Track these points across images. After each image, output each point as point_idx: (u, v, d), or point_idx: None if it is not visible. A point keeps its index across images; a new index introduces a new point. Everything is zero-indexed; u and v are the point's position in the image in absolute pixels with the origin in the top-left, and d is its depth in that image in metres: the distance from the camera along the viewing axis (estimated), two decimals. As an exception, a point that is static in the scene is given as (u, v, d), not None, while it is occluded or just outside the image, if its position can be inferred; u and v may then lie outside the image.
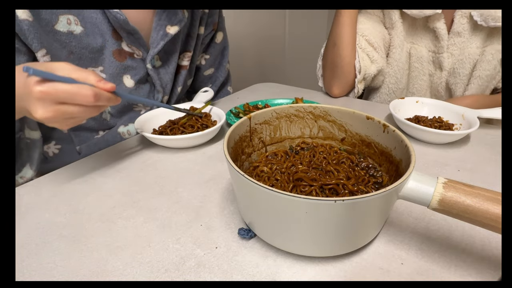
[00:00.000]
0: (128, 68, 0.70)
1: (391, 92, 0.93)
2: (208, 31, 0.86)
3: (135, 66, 0.71)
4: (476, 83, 0.83)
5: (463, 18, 0.80)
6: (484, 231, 0.41)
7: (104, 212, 0.46)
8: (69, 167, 0.57)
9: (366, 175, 0.45)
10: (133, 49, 0.69)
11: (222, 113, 0.68)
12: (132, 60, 0.70)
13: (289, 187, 0.41)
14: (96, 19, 0.64)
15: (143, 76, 0.73)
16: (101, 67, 0.68)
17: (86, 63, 0.65)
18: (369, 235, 0.39)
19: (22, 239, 0.41)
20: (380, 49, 0.88)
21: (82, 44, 0.63)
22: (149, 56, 0.70)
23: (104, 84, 0.45)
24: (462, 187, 0.33)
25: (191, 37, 0.80)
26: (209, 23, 0.85)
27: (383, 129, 0.44)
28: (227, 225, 0.43)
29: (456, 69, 0.84)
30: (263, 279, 0.36)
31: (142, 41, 0.69)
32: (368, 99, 1.00)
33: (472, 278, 0.36)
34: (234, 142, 0.44)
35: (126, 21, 0.63)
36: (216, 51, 0.92)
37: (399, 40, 0.87)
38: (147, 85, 0.75)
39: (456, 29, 0.81)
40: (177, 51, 0.77)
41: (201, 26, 0.83)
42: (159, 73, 0.75)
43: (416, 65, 0.89)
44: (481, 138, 0.67)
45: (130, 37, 0.67)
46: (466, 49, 0.82)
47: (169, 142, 0.62)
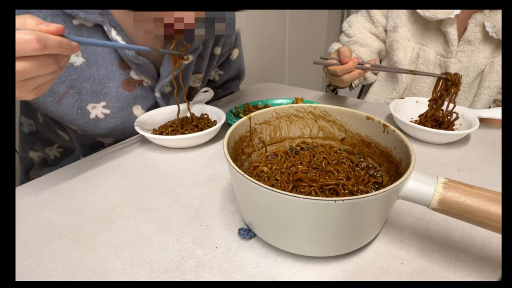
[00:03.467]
0: (138, 98, 0.67)
1: (393, 89, 0.93)
2: (225, 50, 0.83)
3: (145, 95, 0.67)
4: (486, 93, 0.83)
5: (477, 26, 0.80)
6: (484, 231, 0.41)
7: (104, 212, 0.46)
8: (69, 167, 0.57)
9: (366, 175, 0.45)
10: (142, 78, 0.66)
11: (222, 113, 0.68)
12: (141, 89, 0.67)
13: (289, 187, 0.41)
14: (102, 50, 0.61)
15: (153, 104, 0.69)
16: (103, 102, 0.63)
17: (86, 98, 0.61)
18: (369, 235, 0.39)
19: (22, 239, 0.41)
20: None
21: (82, 76, 0.59)
22: (158, 85, 0.67)
23: (47, 25, 0.37)
24: (462, 187, 0.33)
25: (203, 58, 0.77)
26: (226, 43, 0.82)
27: (383, 129, 0.44)
28: (227, 225, 0.43)
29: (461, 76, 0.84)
30: (263, 279, 0.36)
31: (152, 70, 0.65)
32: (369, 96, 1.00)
33: (472, 278, 0.36)
34: (234, 142, 0.44)
35: (135, 56, 0.60)
36: (232, 69, 0.90)
37: (403, 42, 0.88)
38: None
39: (468, 37, 0.82)
40: (189, 76, 0.74)
41: (217, 46, 0.79)
42: (168, 99, 0.71)
43: (422, 67, 0.89)
44: (481, 138, 0.67)
45: (140, 68, 0.64)
46: (473, 57, 0.83)
47: (169, 142, 0.62)
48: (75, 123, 0.63)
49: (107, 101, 0.63)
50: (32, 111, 0.76)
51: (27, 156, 0.79)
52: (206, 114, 0.70)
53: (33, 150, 0.78)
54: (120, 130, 0.66)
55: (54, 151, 0.76)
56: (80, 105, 0.61)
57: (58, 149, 0.76)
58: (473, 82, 0.85)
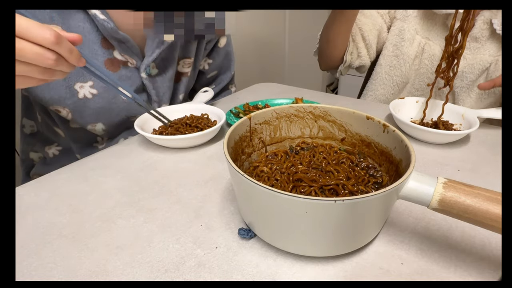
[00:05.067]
0: (123, 78, 0.66)
1: (395, 84, 0.92)
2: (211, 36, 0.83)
3: (130, 76, 0.67)
4: (492, 91, 0.83)
5: (485, 24, 0.79)
6: (484, 231, 0.41)
7: (104, 212, 0.46)
8: (69, 167, 0.57)
9: (366, 175, 0.44)
10: (126, 57, 0.66)
11: (222, 113, 0.68)
12: (126, 70, 0.66)
13: (289, 187, 0.41)
14: (84, 28, 0.60)
15: (140, 86, 0.69)
16: (90, 82, 0.64)
17: (73, 77, 0.62)
18: (369, 235, 0.39)
19: (22, 239, 0.41)
20: (371, 47, 0.89)
21: None
22: (143, 65, 0.67)
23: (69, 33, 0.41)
24: (462, 187, 0.33)
25: (190, 42, 0.77)
26: None
27: (383, 129, 0.44)
28: (227, 225, 0.43)
29: (465, 73, 0.83)
30: (263, 279, 0.36)
31: (136, 49, 0.65)
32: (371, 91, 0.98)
33: (472, 278, 0.36)
34: (234, 142, 0.44)
35: (114, 29, 0.59)
36: (220, 56, 0.90)
37: (410, 34, 0.87)
38: (144, 95, 0.72)
39: (475, 34, 0.81)
40: (175, 58, 0.74)
41: None
42: (155, 82, 0.71)
43: (426, 62, 0.88)
44: (481, 138, 0.67)
45: (122, 46, 0.64)
46: (478, 54, 0.82)
47: (169, 142, 0.62)
48: (65, 104, 0.63)
49: (93, 81, 0.64)
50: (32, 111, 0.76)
51: (27, 158, 0.79)
52: (206, 114, 0.70)
53: (33, 151, 0.79)
54: (107, 111, 0.67)
55: (53, 150, 0.76)
56: (67, 84, 0.62)
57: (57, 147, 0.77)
58: (477, 79, 0.84)
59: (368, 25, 0.88)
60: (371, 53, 0.91)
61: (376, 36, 0.90)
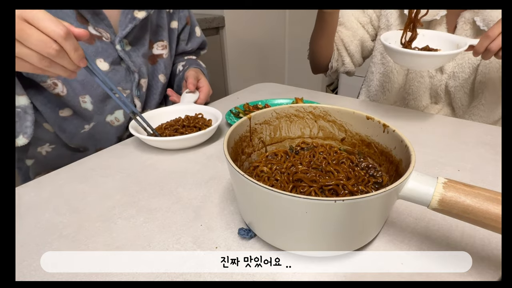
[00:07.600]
0: (99, 51, 0.70)
1: (386, 90, 0.93)
2: (182, 25, 0.90)
3: (106, 48, 0.71)
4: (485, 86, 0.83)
5: (466, 24, 0.80)
6: (484, 231, 0.41)
7: (104, 212, 0.46)
8: (69, 167, 0.57)
9: (366, 175, 0.44)
10: (101, 32, 0.69)
11: (219, 112, 0.68)
12: (101, 43, 0.70)
13: (289, 187, 0.41)
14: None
15: (116, 59, 0.73)
16: None
17: None
18: (369, 235, 0.39)
19: (22, 239, 0.41)
20: (353, 56, 0.94)
21: None
22: (117, 38, 0.71)
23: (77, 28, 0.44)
24: (462, 187, 0.33)
25: (161, 28, 0.83)
26: (181, 17, 0.89)
27: (383, 129, 0.44)
28: (227, 225, 0.43)
29: (456, 73, 0.84)
30: (263, 279, 0.36)
31: (108, 23, 0.69)
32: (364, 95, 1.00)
33: (472, 278, 0.36)
34: (234, 142, 0.44)
35: None
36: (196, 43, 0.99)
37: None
38: (122, 67, 0.75)
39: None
40: (146, 38, 0.78)
41: (173, 20, 0.87)
42: (130, 55, 0.75)
43: None
44: (481, 138, 0.67)
45: (96, 19, 0.67)
46: (466, 54, 0.82)
47: (162, 144, 0.62)
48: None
49: None
50: None
51: (24, 165, 0.79)
52: (200, 114, 0.70)
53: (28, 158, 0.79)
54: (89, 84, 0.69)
55: (46, 148, 0.77)
56: None
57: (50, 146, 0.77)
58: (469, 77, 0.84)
59: (349, 36, 0.93)
60: (354, 61, 0.96)
61: (358, 45, 0.94)
